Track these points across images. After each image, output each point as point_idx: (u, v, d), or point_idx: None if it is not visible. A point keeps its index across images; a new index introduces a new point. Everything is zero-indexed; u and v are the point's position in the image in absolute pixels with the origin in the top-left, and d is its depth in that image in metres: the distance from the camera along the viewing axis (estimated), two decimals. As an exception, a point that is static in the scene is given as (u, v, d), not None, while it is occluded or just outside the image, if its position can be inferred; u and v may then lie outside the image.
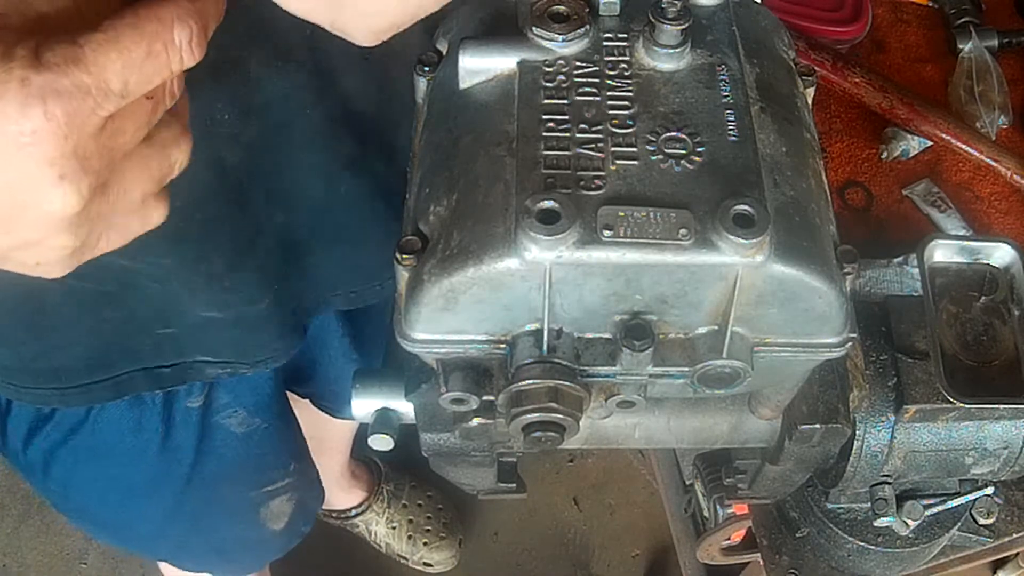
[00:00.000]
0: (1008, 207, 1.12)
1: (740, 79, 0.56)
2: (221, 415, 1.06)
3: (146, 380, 0.94)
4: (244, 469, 1.15)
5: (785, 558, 1.01)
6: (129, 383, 0.93)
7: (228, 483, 1.15)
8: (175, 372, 0.95)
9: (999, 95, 1.17)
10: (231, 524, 1.24)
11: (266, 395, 1.09)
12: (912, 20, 1.27)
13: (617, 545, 2.07)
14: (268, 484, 1.21)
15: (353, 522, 1.99)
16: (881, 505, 0.88)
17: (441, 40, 0.63)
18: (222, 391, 1.04)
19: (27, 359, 0.89)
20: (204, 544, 1.27)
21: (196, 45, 0.45)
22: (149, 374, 0.94)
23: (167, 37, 0.44)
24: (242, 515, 1.23)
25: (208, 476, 1.10)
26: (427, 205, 0.55)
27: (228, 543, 1.28)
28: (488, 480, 0.76)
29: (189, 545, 1.26)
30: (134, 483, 1.08)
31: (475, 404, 0.58)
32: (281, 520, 1.26)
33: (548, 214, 0.50)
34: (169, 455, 1.04)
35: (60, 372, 0.90)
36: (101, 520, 1.20)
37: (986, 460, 0.84)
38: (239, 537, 1.28)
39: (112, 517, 1.17)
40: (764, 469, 0.75)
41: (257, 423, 1.09)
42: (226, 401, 1.05)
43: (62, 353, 0.89)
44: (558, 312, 0.53)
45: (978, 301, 0.81)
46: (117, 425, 0.99)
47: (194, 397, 1.01)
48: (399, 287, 0.56)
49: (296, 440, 1.23)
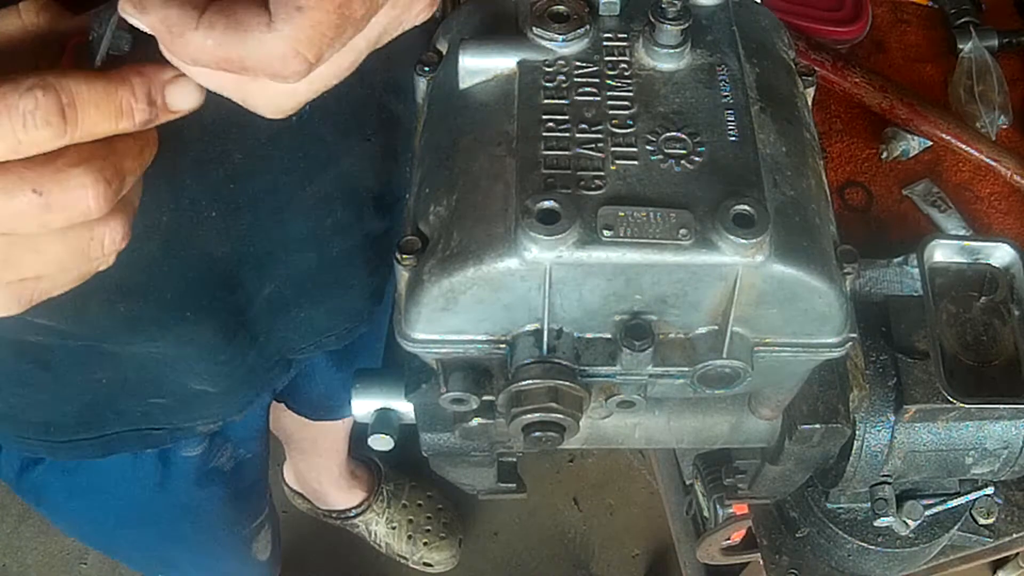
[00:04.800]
0: (1008, 207, 1.12)
1: (740, 79, 0.56)
2: (217, 459, 1.05)
3: (136, 440, 0.93)
4: (236, 505, 1.15)
5: (785, 558, 1.01)
6: (118, 442, 0.92)
7: (223, 522, 1.16)
8: (164, 434, 0.94)
9: (999, 95, 1.17)
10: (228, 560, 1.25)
11: (255, 428, 1.09)
12: (912, 20, 1.27)
13: (617, 545, 2.07)
14: (257, 515, 1.22)
15: (353, 522, 1.99)
16: (881, 505, 0.88)
17: (441, 40, 0.63)
18: (219, 437, 1.03)
19: (17, 409, 0.87)
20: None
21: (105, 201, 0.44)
22: (139, 434, 0.92)
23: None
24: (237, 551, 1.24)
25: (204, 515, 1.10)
26: (427, 205, 0.55)
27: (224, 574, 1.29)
28: (488, 480, 0.76)
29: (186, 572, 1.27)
30: (129, 516, 1.07)
31: (475, 404, 0.58)
32: (267, 550, 1.28)
33: (548, 214, 0.50)
34: (165, 497, 1.04)
35: (50, 426, 0.89)
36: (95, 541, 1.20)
37: (986, 460, 0.84)
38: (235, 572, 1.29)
39: (106, 541, 1.17)
40: (764, 469, 0.75)
41: (241, 454, 1.09)
42: (220, 443, 1.04)
43: (53, 408, 0.87)
44: (558, 312, 0.53)
45: (978, 301, 0.81)
46: (112, 469, 0.97)
47: (192, 447, 1.00)
48: (399, 287, 0.56)
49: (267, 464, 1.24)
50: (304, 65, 0.44)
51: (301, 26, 0.43)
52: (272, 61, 0.44)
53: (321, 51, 0.44)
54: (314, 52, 0.44)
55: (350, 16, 0.44)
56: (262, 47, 0.43)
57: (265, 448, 1.16)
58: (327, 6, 0.43)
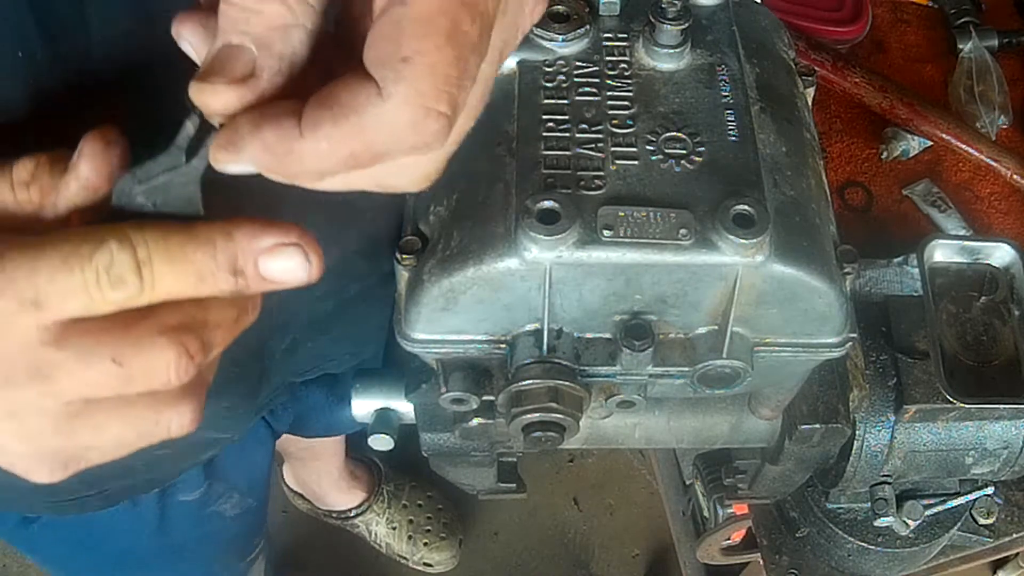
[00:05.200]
0: (1008, 207, 1.12)
1: (740, 79, 0.56)
2: (217, 504, 1.04)
3: (143, 487, 0.92)
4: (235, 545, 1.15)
5: (785, 558, 1.01)
6: (123, 492, 0.91)
7: (220, 561, 1.16)
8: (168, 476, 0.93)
9: (999, 95, 1.17)
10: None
11: (261, 475, 1.08)
12: (912, 20, 1.27)
13: (617, 545, 2.07)
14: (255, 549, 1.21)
15: (353, 522, 1.99)
16: (881, 505, 0.88)
17: (441, 40, 0.63)
18: (218, 483, 1.02)
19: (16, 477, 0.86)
20: None
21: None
22: (146, 482, 0.91)
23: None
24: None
25: (202, 557, 1.10)
26: (427, 205, 0.55)
27: None
28: (488, 480, 0.76)
29: None
30: (127, 561, 1.07)
31: (475, 404, 0.58)
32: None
33: (548, 214, 0.50)
34: (164, 539, 1.03)
35: (53, 488, 0.87)
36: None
37: (986, 460, 0.84)
38: None
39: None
40: (764, 469, 0.75)
41: (249, 503, 1.08)
42: (222, 490, 1.03)
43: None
44: (558, 312, 0.53)
45: (978, 301, 0.81)
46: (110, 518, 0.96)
47: (189, 492, 0.99)
48: (399, 287, 0.56)
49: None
50: (441, 121, 0.36)
51: (417, 78, 0.35)
52: (402, 133, 0.36)
53: (453, 96, 0.36)
54: (446, 101, 0.36)
55: (465, 43, 0.36)
56: (383, 123, 0.36)
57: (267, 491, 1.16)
58: (436, 41, 0.35)
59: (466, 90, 0.37)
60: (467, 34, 0.36)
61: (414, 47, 0.35)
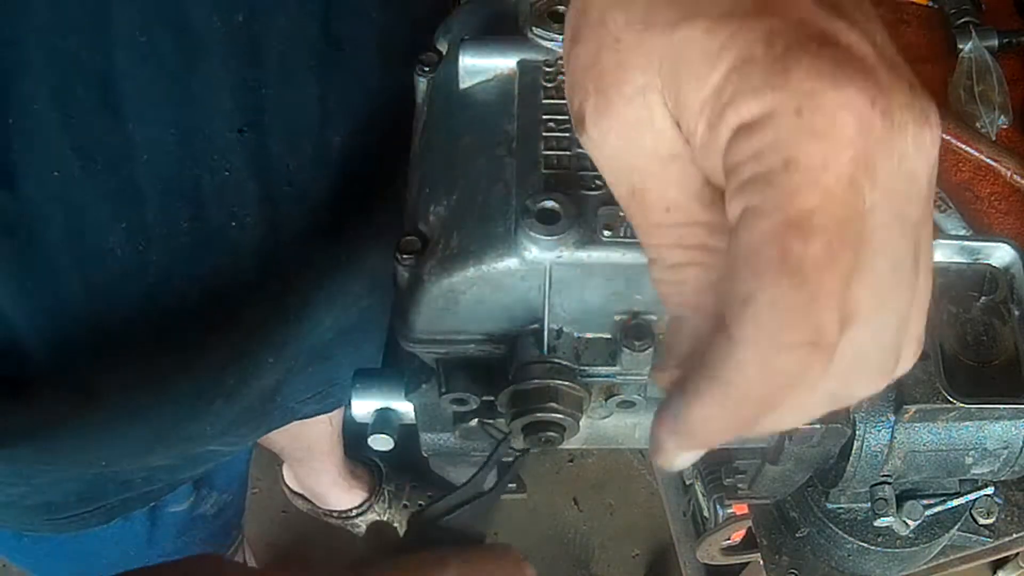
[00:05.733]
0: (1008, 207, 1.12)
1: (740, 79, 0.56)
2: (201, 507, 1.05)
3: (140, 500, 0.92)
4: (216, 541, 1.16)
5: (785, 558, 1.01)
6: (121, 507, 0.91)
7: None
8: (165, 488, 0.93)
9: (999, 95, 1.17)
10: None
11: (238, 471, 1.09)
12: (912, 20, 1.27)
13: (617, 545, 2.07)
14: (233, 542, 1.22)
15: (354, 522, 1.99)
16: (881, 505, 0.88)
17: (441, 40, 0.63)
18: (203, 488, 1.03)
19: (15, 497, 0.84)
20: None
21: None
22: (143, 496, 0.91)
23: None
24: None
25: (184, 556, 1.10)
26: (427, 205, 0.55)
27: None
28: (488, 480, 0.76)
29: None
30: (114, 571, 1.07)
31: (475, 404, 0.58)
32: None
33: (548, 214, 0.50)
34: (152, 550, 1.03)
35: (52, 505, 0.87)
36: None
37: (986, 460, 0.84)
38: None
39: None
40: (764, 469, 0.75)
41: (225, 498, 1.09)
42: (205, 494, 1.04)
43: (54, 490, 0.85)
44: (558, 312, 0.53)
45: (978, 301, 0.81)
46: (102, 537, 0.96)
47: (180, 503, 1.00)
48: (399, 287, 0.56)
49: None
50: (800, 352, 0.32)
51: (757, 316, 0.32)
52: (760, 378, 0.33)
53: (816, 320, 0.32)
54: (803, 330, 0.32)
55: (816, 264, 0.31)
56: (740, 369, 0.33)
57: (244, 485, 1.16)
58: (770, 277, 0.31)
59: (845, 300, 0.33)
60: (814, 256, 0.31)
61: (749, 287, 0.32)
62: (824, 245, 0.31)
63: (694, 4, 0.34)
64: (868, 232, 0.33)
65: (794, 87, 0.32)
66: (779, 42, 0.32)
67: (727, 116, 0.33)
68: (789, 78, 0.32)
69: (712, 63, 0.33)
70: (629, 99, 0.35)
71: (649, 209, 0.37)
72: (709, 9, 0.33)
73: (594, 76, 0.36)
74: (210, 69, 0.58)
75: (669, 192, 0.36)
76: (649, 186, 0.37)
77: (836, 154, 0.31)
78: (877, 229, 0.33)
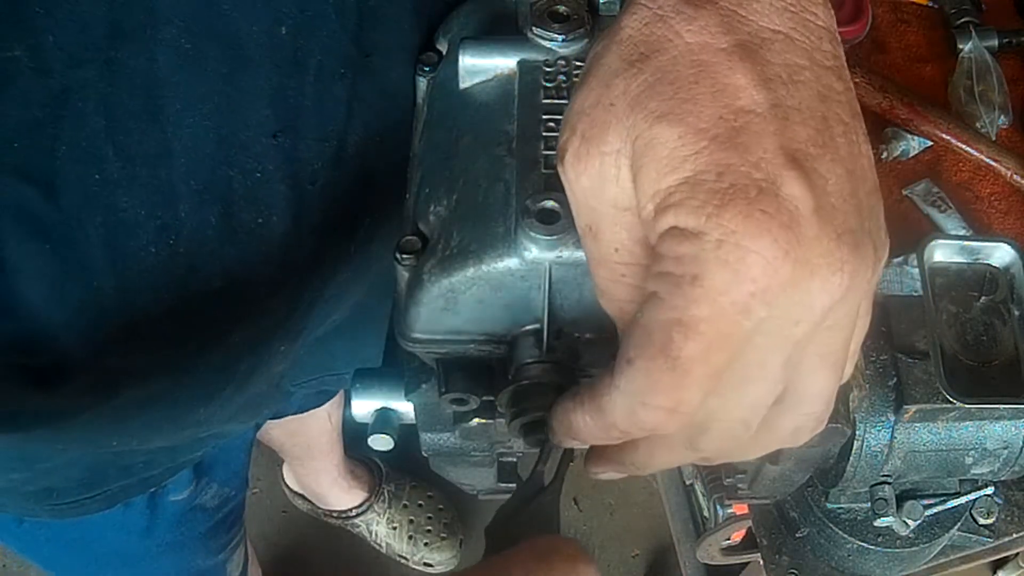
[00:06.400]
0: (1008, 207, 1.12)
1: (740, 79, 0.56)
2: (201, 498, 1.05)
3: (139, 486, 0.92)
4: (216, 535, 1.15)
5: (785, 558, 1.01)
6: (122, 493, 0.91)
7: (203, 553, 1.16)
8: (166, 472, 0.93)
9: (999, 95, 1.17)
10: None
11: (241, 465, 1.09)
12: (912, 20, 1.27)
13: (617, 545, 2.07)
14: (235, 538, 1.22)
15: (354, 522, 1.99)
16: (881, 505, 0.88)
17: (441, 40, 0.63)
18: (203, 478, 1.03)
19: (17, 483, 0.85)
20: None
21: None
22: (142, 481, 0.92)
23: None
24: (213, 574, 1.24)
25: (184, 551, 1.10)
26: (427, 205, 0.55)
27: None
28: (488, 480, 0.76)
29: None
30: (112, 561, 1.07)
31: (475, 404, 0.58)
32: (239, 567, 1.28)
33: (548, 214, 0.50)
34: (151, 540, 1.04)
35: (53, 491, 0.87)
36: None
37: (986, 460, 0.84)
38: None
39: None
40: (764, 469, 0.75)
41: (228, 492, 1.09)
42: (205, 484, 1.04)
43: (56, 475, 0.85)
44: (558, 312, 0.53)
45: (978, 301, 0.81)
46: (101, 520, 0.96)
47: (180, 492, 1.00)
48: (399, 287, 0.56)
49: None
50: (656, 413, 0.42)
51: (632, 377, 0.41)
52: (626, 419, 0.43)
53: (674, 394, 0.41)
54: (662, 397, 0.41)
55: (685, 356, 0.39)
56: (612, 407, 0.43)
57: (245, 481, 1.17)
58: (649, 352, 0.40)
59: (712, 386, 0.40)
60: (689, 353, 0.39)
61: (635, 353, 0.41)
62: (702, 347, 0.39)
63: (681, 105, 0.39)
64: (747, 340, 0.39)
65: (723, 223, 0.37)
66: (727, 179, 0.38)
67: (668, 215, 0.39)
68: (722, 213, 0.38)
69: (673, 167, 0.39)
70: (604, 155, 0.41)
71: (602, 246, 0.43)
72: (690, 118, 0.39)
73: (585, 123, 0.42)
74: (251, 78, 0.59)
75: (619, 235, 0.42)
76: (604, 227, 0.43)
77: (737, 285, 0.38)
78: (756, 337, 0.39)
